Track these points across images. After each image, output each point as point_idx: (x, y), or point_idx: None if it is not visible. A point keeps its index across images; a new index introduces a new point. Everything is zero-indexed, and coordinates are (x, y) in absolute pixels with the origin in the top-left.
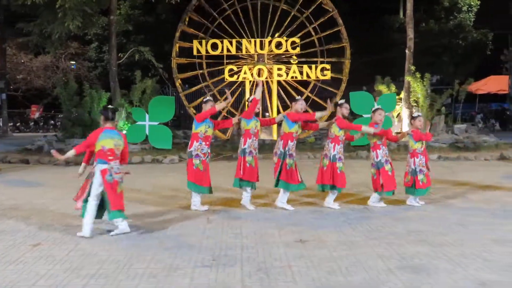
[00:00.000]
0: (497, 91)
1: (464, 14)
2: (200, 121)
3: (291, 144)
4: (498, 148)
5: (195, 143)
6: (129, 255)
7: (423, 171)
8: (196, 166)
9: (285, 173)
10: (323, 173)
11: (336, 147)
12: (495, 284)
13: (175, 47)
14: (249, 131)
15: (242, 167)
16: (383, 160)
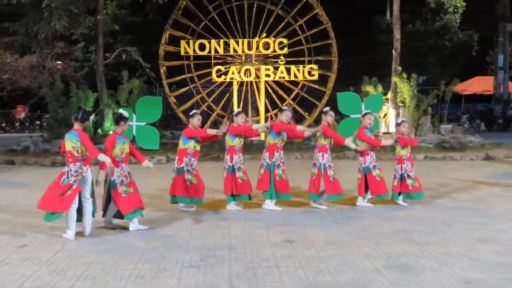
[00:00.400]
0: (482, 92)
1: (450, 15)
2: (188, 137)
3: (277, 154)
4: (484, 148)
5: (184, 159)
6: (116, 256)
7: (411, 175)
8: (190, 181)
9: (278, 185)
10: (312, 182)
11: (324, 156)
12: (480, 282)
13: (161, 50)
14: (234, 148)
15: (234, 184)
16: (371, 166)
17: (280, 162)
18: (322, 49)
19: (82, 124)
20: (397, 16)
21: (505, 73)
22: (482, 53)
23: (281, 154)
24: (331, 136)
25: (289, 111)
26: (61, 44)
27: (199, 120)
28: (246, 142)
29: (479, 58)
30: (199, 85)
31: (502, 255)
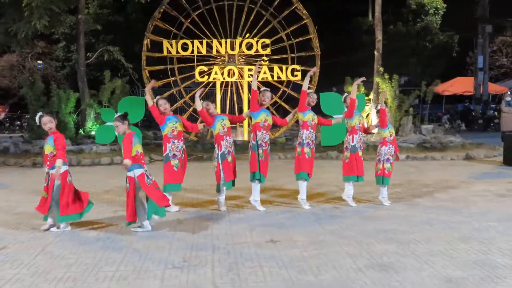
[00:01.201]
0: (463, 92)
1: (431, 16)
2: (162, 124)
3: (259, 134)
4: (464, 148)
5: (168, 144)
6: (98, 258)
7: (390, 160)
8: (176, 166)
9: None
10: (297, 160)
11: (305, 133)
12: (461, 280)
13: (143, 56)
14: (219, 134)
15: (224, 170)
16: (357, 145)
17: (262, 142)
18: (305, 46)
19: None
20: (378, 17)
21: (484, 74)
22: (462, 54)
23: (264, 134)
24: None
25: (268, 92)
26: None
27: (161, 106)
28: None
29: (459, 59)
30: (181, 89)
31: (482, 253)
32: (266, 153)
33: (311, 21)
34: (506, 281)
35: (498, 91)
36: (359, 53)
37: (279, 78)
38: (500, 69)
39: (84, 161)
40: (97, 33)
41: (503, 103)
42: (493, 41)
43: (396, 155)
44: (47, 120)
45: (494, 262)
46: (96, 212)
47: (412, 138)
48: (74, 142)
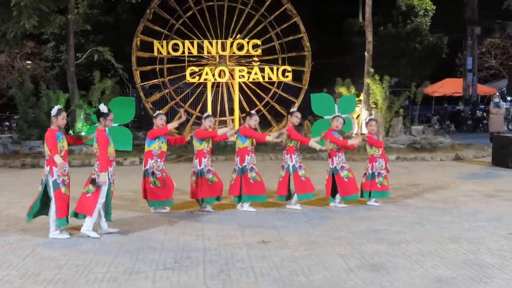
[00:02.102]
0: (452, 94)
1: (421, 18)
2: (152, 139)
3: (248, 158)
4: (453, 149)
5: (149, 161)
6: (88, 259)
7: (382, 174)
8: (154, 183)
9: (247, 188)
10: (280, 184)
11: (293, 157)
12: (451, 280)
13: (134, 56)
14: (202, 151)
15: (201, 188)
16: (338, 166)
17: (252, 165)
18: (295, 46)
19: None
20: (369, 19)
21: (473, 75)
22: (452, 56)
23: (253, 157)
24: (295, 138)
25: (257, 116)
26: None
27: (162, 120)
28: (221, 143)
29: (448, 61)
30: (171, 90)
31: (471, 253)
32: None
33: (300, 19)
34: (495, 280)
35: (486, 92)
36: (349, 55)
37: (270, 79)
38: (489, 71)
39: (74, 162)
40: (87, 33)
41: (491, 104)
42: (482, 42)
43: (386, 167)
44: (65, 115)
45: (483, 262)
46: None
47: (402, 139)
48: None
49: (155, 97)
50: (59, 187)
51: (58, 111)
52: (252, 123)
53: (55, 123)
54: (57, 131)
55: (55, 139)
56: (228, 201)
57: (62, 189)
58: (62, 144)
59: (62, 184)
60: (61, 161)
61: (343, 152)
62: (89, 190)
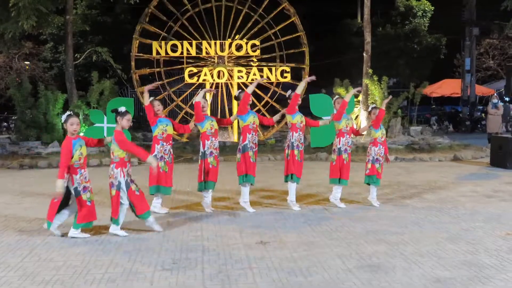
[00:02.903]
0: (450, 94)
1: (419, 19)
2: (154, 124)
3: (250, 136)
4: (452, 149)
5: (156, 146)
6: (86, 260)
7: (380, 160)
8: (162, 169)
9: (246, 167)
10: (286, 162)
11: (294, 135)
12: (449, 280)
13: (132, 60)
14: (205, 133)
15: (204, 169)
16: (342, 148)
17: (253, 144)
18: (293, 45)
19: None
20: (367, 19)
21: (472, 76)
22: (450, 56)
23: (254, 136)
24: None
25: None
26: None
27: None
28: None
29: (447, 61)
30: (171, 92)
31: (469, 253)
32: (256, 154)
33: (298, 19)
34: (493, 281)
35: (485, 93)
36: (348, 55)
37: (268, 79)
38: (487, 71)
39: None
40: (85, 34)
41: (489, 105)
42: (480, 43)
43: (386, 156)
44: (75, 121)
45: (481, 262)
46: None
47: (401, 140)
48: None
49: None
50: (80, 194)
51: (66, 118)
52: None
53: (68, 130)
54: (74, 139)
55: (69, 149)
56: (228, 202)
57: (83, 196)
58: (80, 151)
59: (83, 191)
60: (61, 184)
61: (350, 135)
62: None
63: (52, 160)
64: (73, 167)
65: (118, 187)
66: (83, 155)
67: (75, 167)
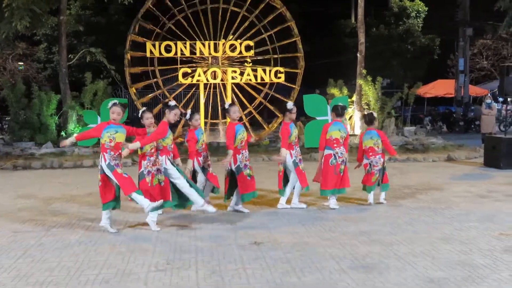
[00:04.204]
0: (444, 95)
1: (413, 19)
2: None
3: (239, 156)
4: (446, 149)
5: (143, 162)
6: (80, 261)
7: (377, 166)
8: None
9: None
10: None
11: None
12: (442, 280)
13: (127, 56)
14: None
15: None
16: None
17: (246, 162)
18: (288, 48)
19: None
20: (361, 20)
21: (465, 76)
22: (444, 57)
23: (244, 154)
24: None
25: (236, 107)
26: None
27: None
28: (213, 145)
29: (440, 62)
30: (165, 91)
31: (463, 254)
32: (251, 168)
33: (294, 24)
34: (487, 281)
35: (478, 93)
36: (342, 56)
37: (262, 80)
38: (480, 72)
39: (66, 164)
40: (79, 34)
41: (483, 105)
42: (473, 44)
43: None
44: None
45: (475, 262)
46: (78, 215)
47: (395, 140)
48: (56, 144)
49: (147, 98)
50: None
51: (111, 105)
52: (233, 116)
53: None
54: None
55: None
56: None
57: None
58: (112, 135)
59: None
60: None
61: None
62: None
63: (45, 161)
64: (104, 147)
65: (166, 173)
66: (115, 140)
67: (105, 148)
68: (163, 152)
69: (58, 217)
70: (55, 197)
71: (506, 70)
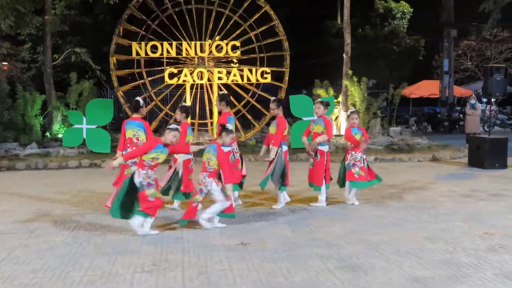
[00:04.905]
0: (429, 95)
1: (398, 21)
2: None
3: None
4: (430, 149)
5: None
6: (65, 263)
7: (357, 165)
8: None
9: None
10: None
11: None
12: (427, 280)
13: (112, 60)
14: None
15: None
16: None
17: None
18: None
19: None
20: (347, 21)
21: (450, 77)
22: (428, 58)
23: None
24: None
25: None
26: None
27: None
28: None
29: (425, 63)
30: (152, 93)
31: (448, 253)
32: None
33: (279, 23)
34: (471, 279)
35: (463, 94)
36: (328, 56)
37: (249, 80)
38: (465, 73)
39: (51, 165)
40: (64, 34)
41: (467, 105)
42: (458, 45)
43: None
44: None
45: (459, 261)
46: (63, 216)
47: (380, 140)
48: (41, 145)
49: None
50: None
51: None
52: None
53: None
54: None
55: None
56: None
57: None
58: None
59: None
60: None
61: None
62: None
63: (30, 162)
64: (142, 163)
65: (206, 194)
66: (157, 161)
67: (144, 164)
68: (211, 175)
69: (42, 218)
70: (40, 198)
71: (490, 71)
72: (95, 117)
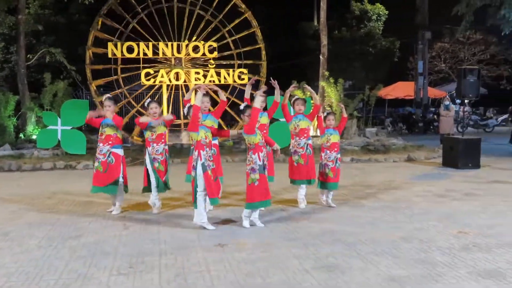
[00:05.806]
0: (404, 96)
1: (374, 22)
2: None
3: (203, 153)
4: (406, 150)
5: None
6: (39, 266)
7: (329, 165)
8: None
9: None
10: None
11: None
12: (404, 278)
13: (88, 53)
14: (200, 142)
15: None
16: (292, 150)
17: (209, 162)
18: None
19: None
20: (324, 22)
21: (424, 78)
22: (403, 60)
23: (209, 152)
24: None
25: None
26: None
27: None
28: (176, 146)
29: (400, 64)
30: (125, 90)
31: (423, 252)
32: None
33: (251, 14)
34: (446, 278)
35: (437, 95)
36: (305, 57)
37: (226, 80)
38: (439, 74)
39: (25, 166)
40: (38, 34)
41: (441, 106)
42: (432, 47)
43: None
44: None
45: (434, 260)
46: (38, 218)
47: (357, 141)
48: (14, 146)
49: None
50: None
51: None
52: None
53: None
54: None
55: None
56: (187, 204)
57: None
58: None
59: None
60: None
61: (301, 137)
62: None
63: (3, 164)
64: (200, 144)
65: (261, 169)
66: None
67: (202, 144)
68: (255, 150)
69: (16, 221)
70: (13, 200)
71: (463, 73)
72: (70, 118)
